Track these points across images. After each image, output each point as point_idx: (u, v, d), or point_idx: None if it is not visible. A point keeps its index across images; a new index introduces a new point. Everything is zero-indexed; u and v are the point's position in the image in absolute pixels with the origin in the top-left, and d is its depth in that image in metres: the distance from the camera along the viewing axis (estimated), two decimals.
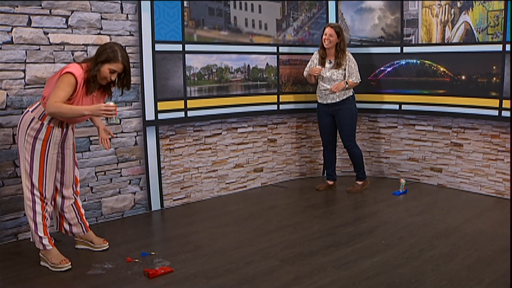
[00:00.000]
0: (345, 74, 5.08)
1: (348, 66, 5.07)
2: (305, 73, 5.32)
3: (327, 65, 5.13)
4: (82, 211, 3.72)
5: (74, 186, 3.65)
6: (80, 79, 3.21)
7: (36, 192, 3.34)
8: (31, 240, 3.44)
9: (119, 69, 3.29)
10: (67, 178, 3.58)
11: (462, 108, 5.12)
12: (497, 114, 4.86)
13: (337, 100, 5.11)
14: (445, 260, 3.44)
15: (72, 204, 3.64)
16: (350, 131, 5.21)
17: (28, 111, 3.34)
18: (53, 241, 3.43)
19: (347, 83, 5.05)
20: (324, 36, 5.03)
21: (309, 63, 5.28)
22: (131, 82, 4.36)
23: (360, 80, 5.15)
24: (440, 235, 3.94)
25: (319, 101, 5.24)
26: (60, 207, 3.61)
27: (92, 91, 3.30)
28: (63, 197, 3.60)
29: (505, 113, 4.79)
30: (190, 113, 4.84)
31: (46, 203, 3.39)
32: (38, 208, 3.34)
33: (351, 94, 5.17)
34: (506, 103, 4.77)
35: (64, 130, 3.42)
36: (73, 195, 3.64)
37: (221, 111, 5.08)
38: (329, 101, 5.14)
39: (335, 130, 5.31)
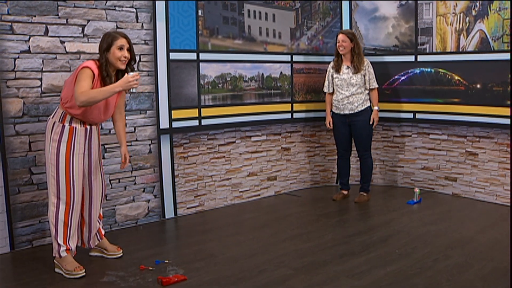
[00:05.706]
0: (364, 79, 5.09)
1: (367, 71, 5.09)
2: (325, 90, 5.30)
3: (344, 70, 5.13)
4: (101, 226, 3.77)
5: (101, 203, 3.69)
6: (96, 71, 3.28)
7: (62, 197, 3.34)
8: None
9: (125, 43, 3.35)
10: (95, 187, 3.58)
11: (477, 117, 5.09)
12: None
13: (356, 111, 5.10)
14: (460, 271, 3.41)
15: (96, 233, 3.71)
16: (368, 142, 5.21)
17: (49, 118, 3.40)
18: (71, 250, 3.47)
19: (377, 108, 5.15)
20: (338, 43, 5.06)
21: (326, 76, 5.27)
22: (146, 90, 4.44)
23: (377, 86, 5.18)
24: (455, 245, 3.90)
25: (335, 111, 5.21)
26: (86, 241, 3.68)
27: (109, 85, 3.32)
28: (89, 231, 3.66)
29: None
30: (204, 122, 4.86)
31: (72, 209, 3.38)
32: (61, 215, 3.35)
33: (369, 104, 5.16)
34: None
35: (88, 128, 3.44)
36: (97, 221, 3.69)
37: (235, 120, 5.10)
38: (346, 112, 5.12)
39: (351, 139, 5.29)
